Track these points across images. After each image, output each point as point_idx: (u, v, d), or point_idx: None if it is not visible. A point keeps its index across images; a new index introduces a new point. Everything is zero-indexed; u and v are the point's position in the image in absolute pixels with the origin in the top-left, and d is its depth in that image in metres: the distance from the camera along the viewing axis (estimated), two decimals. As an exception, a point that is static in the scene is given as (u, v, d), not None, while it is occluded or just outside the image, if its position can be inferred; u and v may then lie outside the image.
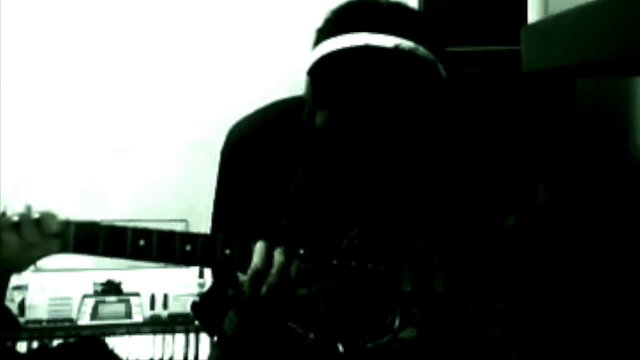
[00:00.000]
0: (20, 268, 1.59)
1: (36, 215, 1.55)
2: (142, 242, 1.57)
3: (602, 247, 2.17)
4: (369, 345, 1.63)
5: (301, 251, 1.61)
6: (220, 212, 1.81)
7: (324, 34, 1.60)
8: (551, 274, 1.79)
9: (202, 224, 1.84)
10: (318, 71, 1.56)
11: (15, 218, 1.54)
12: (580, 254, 2.03)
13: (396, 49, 1.52)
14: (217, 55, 3.12)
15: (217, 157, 1.82)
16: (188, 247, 1.58)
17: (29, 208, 1.56)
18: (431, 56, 1.55)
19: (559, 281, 1.81)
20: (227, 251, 1.59)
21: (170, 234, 1.59)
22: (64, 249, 1.57)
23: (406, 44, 1.53)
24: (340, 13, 1.62)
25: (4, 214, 1.55)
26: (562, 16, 1.70)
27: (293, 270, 1.58)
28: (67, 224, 1.56)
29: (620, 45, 1.43)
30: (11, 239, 1.53)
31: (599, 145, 2.31)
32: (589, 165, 2.30)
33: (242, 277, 1.59)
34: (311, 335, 1.64)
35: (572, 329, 1.81)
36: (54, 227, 1.56)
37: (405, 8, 1.65)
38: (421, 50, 1.54)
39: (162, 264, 2.84)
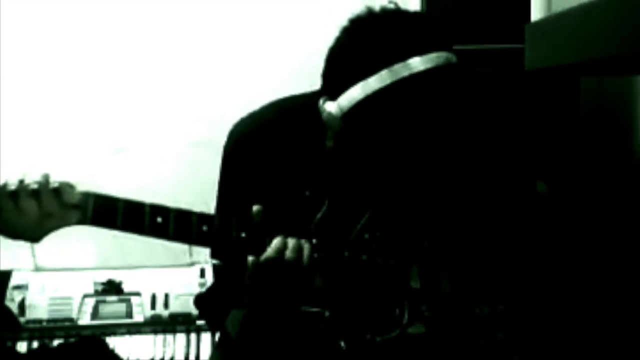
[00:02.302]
0: (37, 238, 1.54)
1: (55, 185, 1.52)
2: (159, 219, 1.55)
3: (606, 246, 2.16)
4: (378, 338, 1.64)
5: (314, 241, 1.62)
6: (222, 208, 1.81)
7: (367, 48, 1.59)
8: (555, 276, 1.79)
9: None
10: (403, 91, 1.56)
11: (35, 186, 1.50)
12: (583, 254, 2.02)
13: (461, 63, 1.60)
14: (218, 54, 3.12)
15: (219, 155, 1.82)
16: (205, 228, 1.57)
17: (47, 176, 1.52)
18: None
19: (563, 283, 1.80)
20: (243, 234, 1.59)
21: (188, 213, 1.58)
22: (82, 220, 1.53)
23: (455, 56, 1.60)
24: (376, 29, 1.62)
25: (22, 181, 1.50)
26: (565, 14, 1.69)
27: (306, 255, 1.60)
28: (86, 195, 1.53)
29: (624, 44, 1.42)
30: (30, 207, 1.49)
31: (602, 144, 2.30)
32: (592, 164, 2.29)
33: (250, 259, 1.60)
34: (327, 313, 1.65)
35: (576, 331, 1.80)
36: (73, 198, 1.53)
37: (422, 15, 1.70)
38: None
39: (162, 264, 2.88)
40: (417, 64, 1.54)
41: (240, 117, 1.83)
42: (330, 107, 1.61)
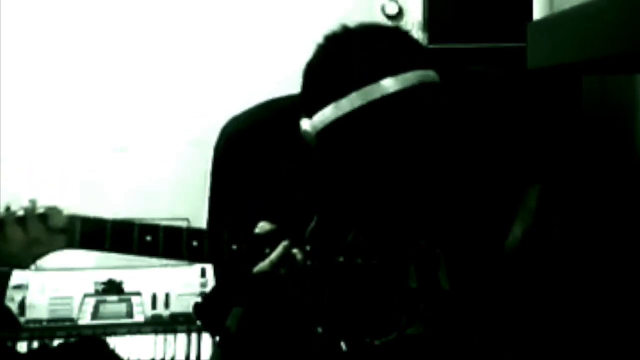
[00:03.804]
0: (24, 264, 1.56)
1: (41, 210, 1.53)
2: (148, 238, 1.55)
3: (607, 245, 2.16)
4: (377, 341, 1.63)
5: (307, 248, 1.61)
6: (215, 207, 1.82)
7: (342, 69, 1.58)
8: (555, 274, 1.78)
9: (204, 222, 1.83)
10: (377, 111, 1.55)
11: (20, 212, 1.52)
12: (583, 253, 2.02)
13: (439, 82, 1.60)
14: (217, 54, 3.11)
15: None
16: (195, 243, 1.57)
17: (33, 202, 1.54)
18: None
19: (563, 281, 1.80)
20: (234, 247, 1.58)
21: (177, 230, 1.58)
22: (69, 244, 1.55)
23: (431, 74, 1.59)
24: (351, 49, 1.60)
25: (8, 208, 1.52)
26: (567, 13, 1.69)
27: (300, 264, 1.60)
28: (73, 219, 1.55)
29: (626, 43, 1.42)
30: (16, 233, 1.51)
31: (604, 143, 2.30)
32: (595, 163, 2.28)
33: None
34: (319, 329, 1.64)
35: (575, 330, 1.80)
36: (60, 222, 1.54)
37: (399, 32, 1.67)
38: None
39: (162, 263, 2.87)
40: (389, 85, 1.53)
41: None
42: (306, 125, 1.61)
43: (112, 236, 1.54)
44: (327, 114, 1.56)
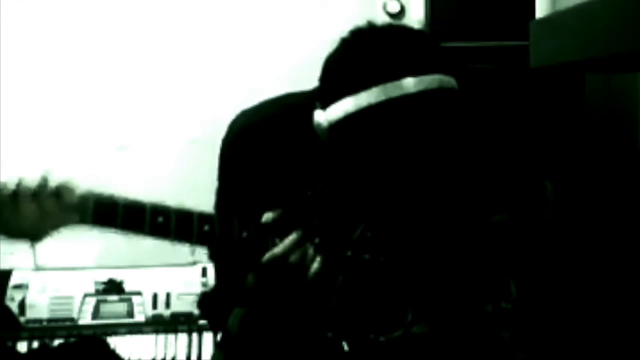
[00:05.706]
0: (37, 238, 1.53)
1: (55, 185, 1.50)
2: (160, 219, 1.54)
3: (612, 244, 2.16)
4: (382, 338, 1.63)
5: (316, 240, 1.60)
6: (222, 200, 1.81)
7: (356, 69, 1.58)
8: (561, 274, 1.78)
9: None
10: (389, 110, 1.55)
11: (34, 187, 1.49)
12: (590, 252, 2.01)
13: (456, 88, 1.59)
14: (219, 53, 3.11)
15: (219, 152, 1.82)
16: (206, 227, 1.56)
17: (46, 177, 1.51)
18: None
19: (569, 281, 1.80)
20: (244, 234, 1.58)
21: (189, 213, 1.56)
22: (82, 220, 1.52)
23: (451, 81, 1.59)
24: (365, 49, 1.60)
25: (20, 182, 1.49)
26: (571, 11, 1.69)
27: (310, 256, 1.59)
28: (86, 195, 1.52)
29: (629, 41, 1.42)
30: (29, 208, 1.48)
31: (607, 141, 2.30)
32: (598, 161, 2.28)
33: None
34: (330, 334, 1.64)
35: (581, 331, 1.80)
36: (73, 199, 1.51)
37: (423, 34, 1.67)
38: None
39: (163, 263, 2.87)
40: (410, 84, 1.53)
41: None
42: (319, 117, 1.60)
43: (124, 215, 1.53)
44: (343, 107, 1.56)
